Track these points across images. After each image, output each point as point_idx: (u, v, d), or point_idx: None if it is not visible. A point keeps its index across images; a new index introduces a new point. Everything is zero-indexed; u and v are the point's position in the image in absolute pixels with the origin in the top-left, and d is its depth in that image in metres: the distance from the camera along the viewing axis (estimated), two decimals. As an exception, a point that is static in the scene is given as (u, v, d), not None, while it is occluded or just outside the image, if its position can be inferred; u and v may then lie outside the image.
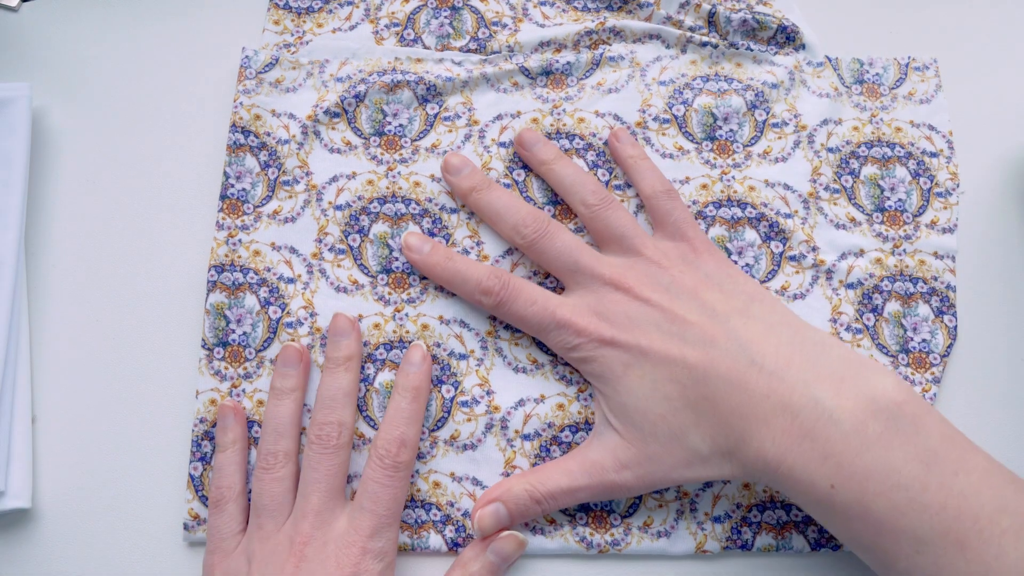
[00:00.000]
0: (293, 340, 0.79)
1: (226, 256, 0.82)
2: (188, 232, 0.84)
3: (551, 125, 0.87)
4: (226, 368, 0.78)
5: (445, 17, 0.92)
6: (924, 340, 0.80)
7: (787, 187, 0.85)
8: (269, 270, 0.82)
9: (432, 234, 0.83)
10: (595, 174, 0.85)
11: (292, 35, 0.92)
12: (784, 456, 0.61)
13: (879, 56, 0.92)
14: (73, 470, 0.76)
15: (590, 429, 0.76)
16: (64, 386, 0.78)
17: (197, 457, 0.75)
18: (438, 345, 0.79)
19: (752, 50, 0.91)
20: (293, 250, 0.83)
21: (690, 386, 0.65)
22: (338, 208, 0.84)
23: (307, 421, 0.76)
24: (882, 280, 0.82)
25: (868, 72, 0.91)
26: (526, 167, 0.85)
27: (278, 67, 0.89)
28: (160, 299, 0.82)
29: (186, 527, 0.74)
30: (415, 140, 0.87)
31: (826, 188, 0.86)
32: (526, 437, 0.76)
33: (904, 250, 0.83)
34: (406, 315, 0.80)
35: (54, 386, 0.78)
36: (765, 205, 0.84)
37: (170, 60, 0.90)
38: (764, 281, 0.82)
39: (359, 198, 0.84)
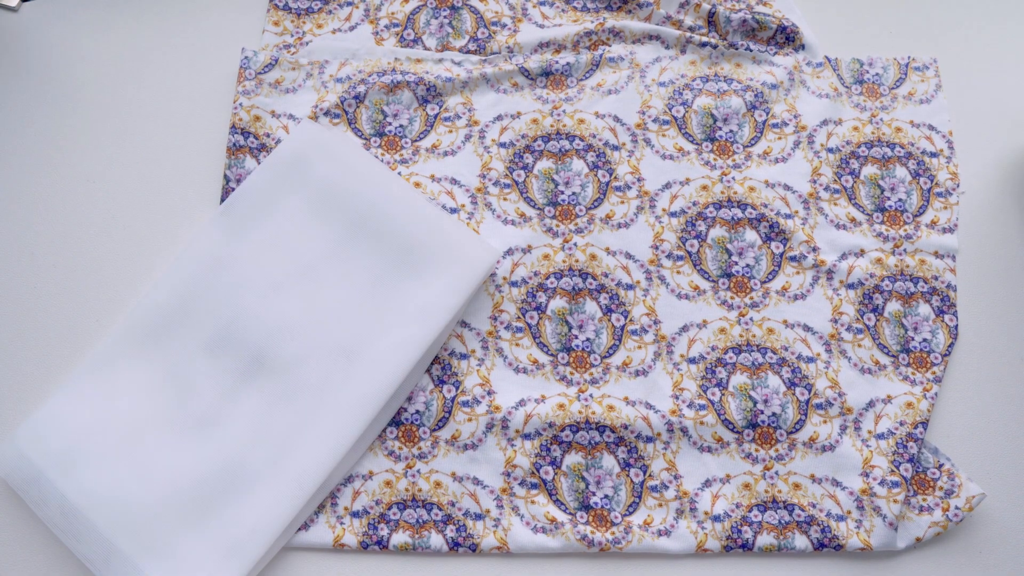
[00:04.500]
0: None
1: (226, 256, 0.82)
2: (188, 233, 0.84)
3: (551, 126, 0.87)
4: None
5: (445, 17, 0.93)
6: (925, 340, 0.80)
7: (787, 187, 0.85)
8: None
9: (432, 234, 0.83)
10: (595, 174, 0.85)
11: (292, 36, 0.92)
12: None
13: (879, 56, 0.92)
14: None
15: (591, 428, 0.76)
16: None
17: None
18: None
19: (752, 50, 0.91)
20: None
21: None
22: (338, 208, 0.84)
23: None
24: (883, 280, 0.82)
25: (868, 72, 0.91)
26: (526, 167, 0.86)
27: (278, 68, 0.89)
28: (160, 300, 0.82)
29: None
30: (415, 141, 0.87)
31: (826, 188, 0.86)
32: (527, 437, 0.76)
33: (904, 250, 0.83)
34: (406, 315, 0.80)
35: (53, 385, 0.78)
36: (765, 206, 0.84)
37: (170, 60, 0.90)
38: (765, 282, 0.82)
39: (359, 198, 0.85)
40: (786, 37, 0.91)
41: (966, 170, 0.87)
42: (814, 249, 0.83)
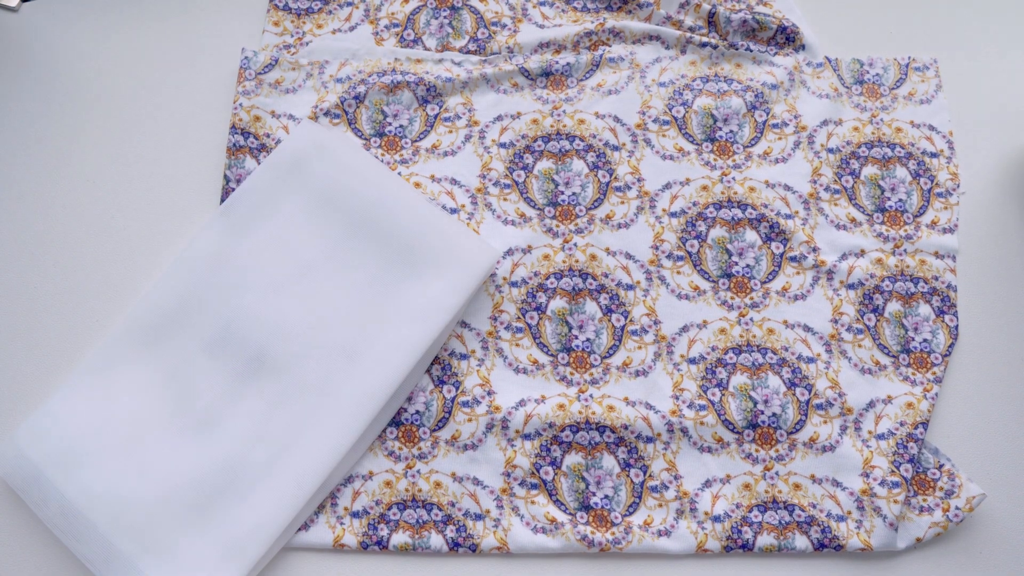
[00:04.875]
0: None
1: (226, 257, 0.82)
2: (188, 233, 0.84)
3: (551, 126, 0.87)
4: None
5: (445, 17, 0.93)
6: (925, 340, 0.80)
7: (787, 188, 0.85)
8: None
9: (432, 234, 0.83)
10: (595, 175, 0.85)
11: (292, 36, 0.92)
12: None
13: (879, 56, 0.92)
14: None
15: (591, 429, 0.76)
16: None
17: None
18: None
19: (752, 51, 0.91)
20: (293, 251, 0.83)
21: None
22: (338, 209, 0.84)
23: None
24: (883, 280, 0.82)
25: (868, 72, 0.91)
26: (526, 167, 0.86)
27: (278, 68, 0.89)
28: (160, 300, 0.82)
29: None
30: (415, 141, 0.87)
31: (826, 189, 0.86)
32: (527, 437, 0.76)
33: (905, 250, 0.83)
34: (406, 315, 0.80)
35: (53, 385, 0.78)
36: (765, 206, 0.84)
37: (170, 60, 0.90)
38: (765, 282, 0.82)
39: (359, 199, 0.85)
40: (786, 37, 0.91)
41: (966, 170, 0.87)
42: (814, 249, 0.83)
